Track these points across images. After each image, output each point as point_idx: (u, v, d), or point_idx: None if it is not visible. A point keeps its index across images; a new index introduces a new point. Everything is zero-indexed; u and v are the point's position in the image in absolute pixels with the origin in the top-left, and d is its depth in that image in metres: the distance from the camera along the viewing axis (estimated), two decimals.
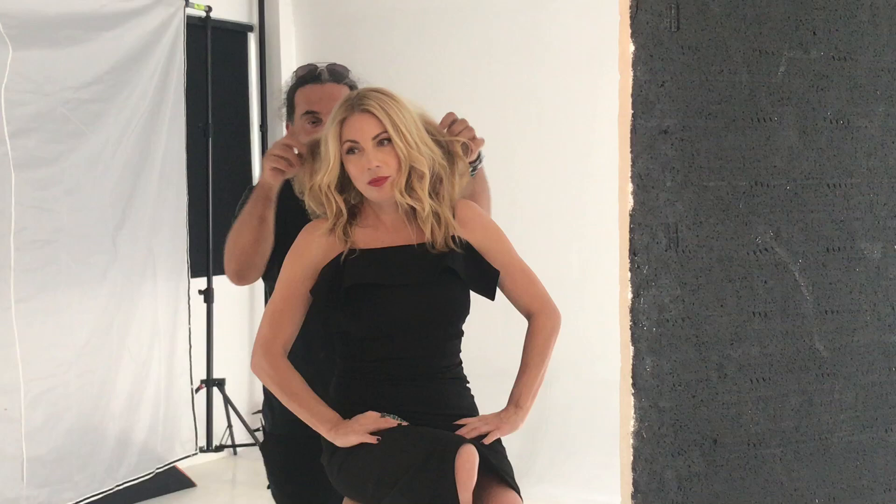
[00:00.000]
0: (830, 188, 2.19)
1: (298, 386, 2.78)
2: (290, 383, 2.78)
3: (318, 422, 2.73)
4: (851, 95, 2.20)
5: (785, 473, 2.17)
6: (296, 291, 2.79)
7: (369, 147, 2.70)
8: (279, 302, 2.81)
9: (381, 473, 2.60)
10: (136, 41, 5.46)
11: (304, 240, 2.83)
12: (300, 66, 3.20)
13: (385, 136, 2.70)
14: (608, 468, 5.56)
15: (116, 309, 5.31)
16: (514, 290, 2.87)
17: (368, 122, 2.70)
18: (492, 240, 2.86)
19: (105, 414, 5.24)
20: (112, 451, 5.26)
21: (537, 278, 2.89)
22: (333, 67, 3.13)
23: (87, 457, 5.10)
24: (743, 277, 2.11)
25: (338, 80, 3.11)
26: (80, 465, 5.06)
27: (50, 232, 4.93)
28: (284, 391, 2.78)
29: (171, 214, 5.69)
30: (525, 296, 2.87)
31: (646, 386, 2.03)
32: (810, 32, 2.16)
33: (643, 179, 2.00)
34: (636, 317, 2.02)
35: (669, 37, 2.02)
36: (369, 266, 2.75)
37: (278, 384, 2.78)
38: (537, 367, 2.84)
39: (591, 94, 5.62)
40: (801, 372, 2.18)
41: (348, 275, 2.74)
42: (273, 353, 2.78)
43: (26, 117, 4.83)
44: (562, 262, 3.06)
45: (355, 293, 2.75)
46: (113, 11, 5.33)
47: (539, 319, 2.87)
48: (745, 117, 2.10)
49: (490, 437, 2.72)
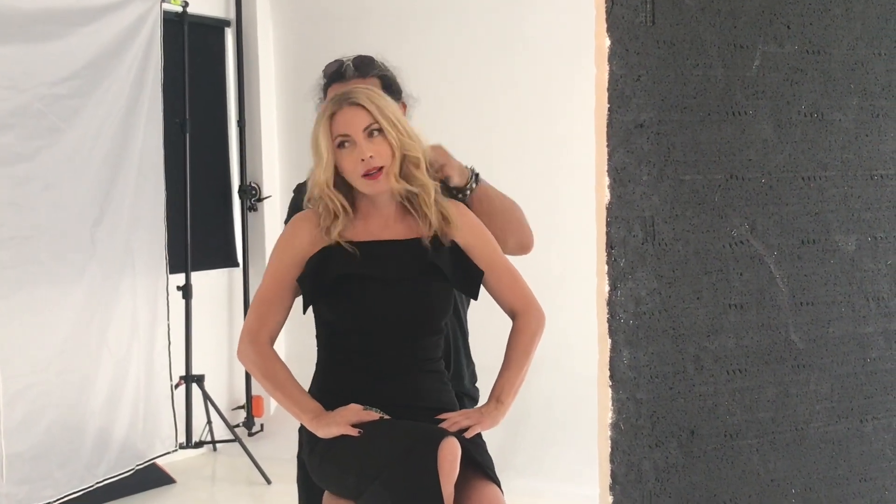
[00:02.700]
0: (805, 181, 2.21)
1: (283, 375, 2.79)
2: (275, 373, 2.79)
3: (301, 411, 2.74)
4: (825, 89, 2.22)
5: (761, 464, 2.19)
6: (283, 281, 2.80)
7: (361, 139, 2.72)
8: (267, 291, 2.82)
9: (363, 466, 2.61)
10: (113, 36, 5.44)
11: (292, 230, 2.83)
12: (328, 62, 3.15)
13: (375, 126, 2.71)
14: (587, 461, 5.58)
15: (95, 306, 5.30)
16: (499, 290, 2.88)
17: (358, 114, 2.72)
18: (478, 238, 2.86)
19: (85, 411, 5.22)
20: (92, 447, 5.24)
21: (522, 278, 2.90)
22: (360, 60, 3.08)
23: (67, 454, 5.09)
24: (719, 270, 2.13)
25: (363, 73, 3.05)
26: (61, 462, 5.04)
27: (28, 229, 4.91)
28: (269, 380, 2.78)
29: (149, 210, 5.67)
30: (510, 295, 2.88)
31: (623, 378, 2.04)
32: (784, 26, 2.17)
33: (620, 173, 2.02)
34: (613, 309, 2.03)
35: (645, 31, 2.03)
36: (354, 258, 2.75)
37: (263, 373, 2.79)
38: (520, 364, 2.85)
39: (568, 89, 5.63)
40: (777, 363, 2.20)
41: (334, 265, 2.75)
42: (259, 342, 2.79)
43: (2, 113, 4.80)
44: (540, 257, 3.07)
45: (339, 284, 2.75)
46: (89, 6, 5.30)
47: (523, 319, 2.88)
48: (720, 111, 2.12)
49: (471, 432, 2.73)
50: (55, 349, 5.06)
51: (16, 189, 4.86)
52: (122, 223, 5.47)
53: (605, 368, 2.03)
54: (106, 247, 5.34)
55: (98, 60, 5.33)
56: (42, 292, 5.00)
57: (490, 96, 6.06)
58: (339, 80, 3.08)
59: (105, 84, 5.36)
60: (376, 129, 2.71)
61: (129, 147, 5.52)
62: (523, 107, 5.96)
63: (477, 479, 2.69)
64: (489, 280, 2.86)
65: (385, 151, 2.71)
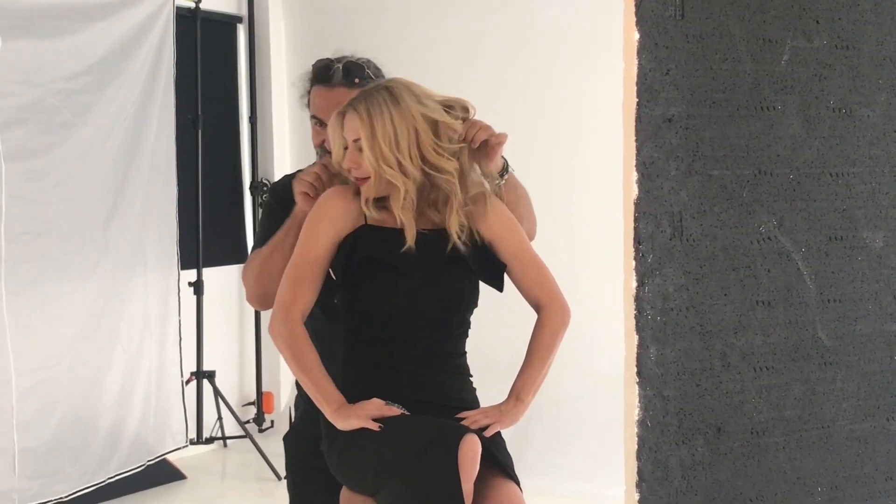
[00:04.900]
0: (833, 177, 2.20)
1: (311, 359, 2.74)
2: (304, 355, 2.74)
3: (324, 400, 2.71)
4: (854, 84, 2.21)
5: (788, 462, 2.18)
6: (318, 255, 2.75)
7: (351, 147, 2.71)
8: (300, 266, 2.76)
9: (383, 460, 2.59)
10: (126, 32, 5.43)
11: (327, 202, 2.80)
12: (318, 59, 3.12)
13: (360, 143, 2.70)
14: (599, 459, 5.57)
15: (107, 301, 5.29)
16: (525, 282, 2.85)
17: (354, 123, 2.71)
18: (507, 230, 2.83)
19: (97, 406, 5.22)
20: (104, 443, 5.24)
21: (549, 271, 2.86)
22: (349, 67, 3.04)
23: (78, 449, 5.09)
24: (747, 266, 2.11)
25: (349, 83, 3.02)
26: (72, 457, 5.04)
27: (40, 224, 4.91)
28: (297, 362, 2.74)
29: (160, 206, 5.67)
30: (535, 287, 2.85)
31: (650, 375, 2.03)
32: (813, 21, 2.16)
33: (648, 168, 2.00)
34: (640, 306, 2.02)
35: (674, 25, 2.02)
36: (383, 243, 2.74)
37: (292, 354, 2.74)
38: (542, 360, 2.82)
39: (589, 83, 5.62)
40: (804, 361, 2.19)
41: (361, 247, 2.73)
42: (292, 318, 2.74)
43: (16, 108, 4.80)
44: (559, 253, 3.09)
45: (365, 270, 2.73)
46: (102, 2, 5.30)
47: (547, 313, 2.84)
48: (748, 106, 2.10)
49: (490, 430, 2.71)
50: (67, 344, 5.06)
51: (28, 184, 4.85)
52: (134, 219, 5.47)
53: (633, 365, 2.02)
54: (118, 242, 5.34)
55: (111, 56, 5.32)
56: (54, 288, 5.00)
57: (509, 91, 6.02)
58: (324, 83, 3.05)
59: (118, 80, 5.36)
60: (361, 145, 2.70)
61: (141, 143, 5.52)
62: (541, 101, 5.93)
63: (496, 477, 2.67)
64: (515, 272, 2.83)
65: (365, 169, 2.70)
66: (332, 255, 2.77)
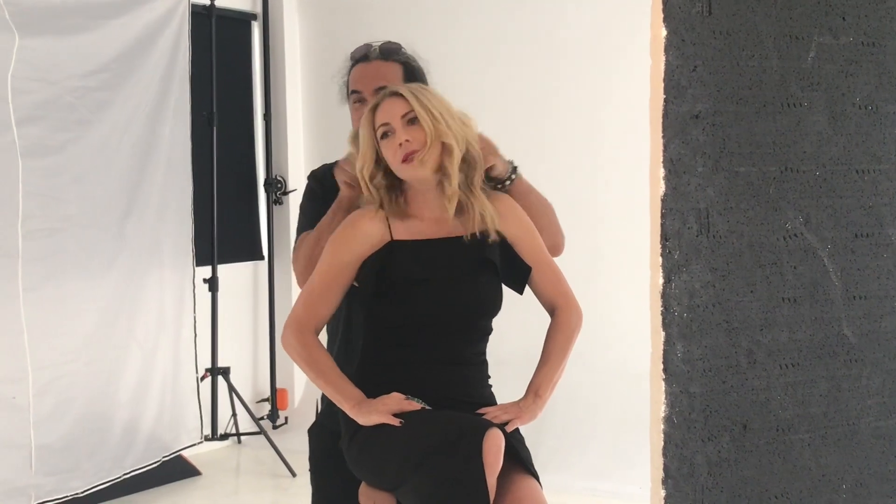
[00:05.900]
0: (859, 174, 2.19)
1: (325, 363, 2.81)
2: (318, 360, 2.81)
3: (343, 398, 2.76)
4: (880, 81, 2.20)
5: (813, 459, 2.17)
6: (337, 277, 2.81)
7: (399, 126, 2.75)
8: (319, 285, 2.82)
9: (405, 455, 2.60)
10: (142, 29, 5.45)
11: (350, 227, 2.83)
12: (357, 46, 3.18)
13: (412, 114, 2.73)
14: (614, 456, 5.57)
15: (123, 298, 5.31)
16: (542, 285, 2.90)
17: (397, 103, 2.77)
18: (525, 231, 2.88)
19: (112, 402, 5.24)
20: (119, 439, 5.26)
21: (563, 275, 2.93)
22: (386, 45, 3.11)
23: (94, 445, 5.10)
24: (773, 263, 2.10)
25: (385, 57, 3.08)
26: (88, 453, 5.06)
27: (57, 221, 4.93)
28: (312, 368, 2.80)
29: (176, 203, 5.69)
30: (552, 291, 2.90)
31: (676, 371, 2.02)
32: (840, 18, 2.15)
33: (675, 164, 2.00)
34: (667, 302, 2.01)
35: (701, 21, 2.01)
36: (415, 260, 2.78)
37: (307, 361, 2.80)
38: (558, 360, 2.87)
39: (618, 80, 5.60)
40: (830, 358, 2.18)
41: (396, 268, 2.76)
42: (304, 332, 2.80)
43: (33, 105, 4.82)
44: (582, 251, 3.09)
45: (397, 284, 2.76)
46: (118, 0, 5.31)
47: (563, 316, 2.90)
48: (775, 102, 2.09)
49: (510, 426, 2.73)
50: (83, 341, 5.08)
51: (45, 181, 4.87)
52: (150, 215, 5.48)
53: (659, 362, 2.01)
54: (134, 239, 5.36)
55: (127, 53, 5.34)
56: (71, 284, 5.02)
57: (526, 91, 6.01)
58: (363, 61, 3.11)
59: (134, 77, 5.37)
60: (414, 116, 2.74)
61: (157, 140, 5.54)
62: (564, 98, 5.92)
63: (516, 473, 2.68)
64: (533, 275, 2.87)
65: (420, 137, 2.73)
66: (353, 275, 2.82)
